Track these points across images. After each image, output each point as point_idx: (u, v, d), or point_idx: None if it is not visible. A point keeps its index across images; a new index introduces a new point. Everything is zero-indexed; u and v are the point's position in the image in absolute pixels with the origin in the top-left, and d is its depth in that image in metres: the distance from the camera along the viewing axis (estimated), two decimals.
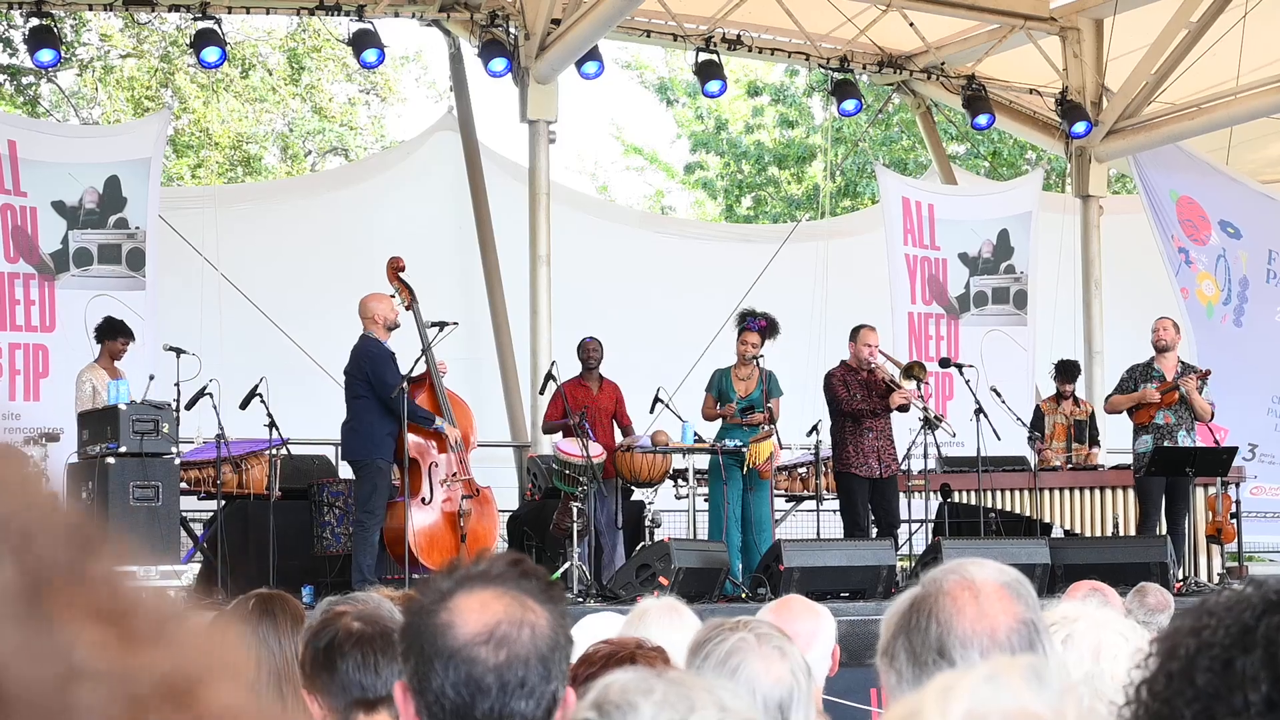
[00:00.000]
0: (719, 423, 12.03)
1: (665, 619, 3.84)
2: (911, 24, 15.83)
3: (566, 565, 10.72)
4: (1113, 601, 5.42)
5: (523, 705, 1.99)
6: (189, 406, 11.05)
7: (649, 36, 15.98)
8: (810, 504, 13.16)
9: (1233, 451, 12.81)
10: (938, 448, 12.31)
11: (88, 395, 11.22)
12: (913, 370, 12.23)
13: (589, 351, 12.34)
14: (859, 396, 11.97)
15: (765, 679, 2.84)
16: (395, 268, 11.06)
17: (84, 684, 0.62)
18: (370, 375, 10.52)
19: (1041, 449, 13.18)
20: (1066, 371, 13.51)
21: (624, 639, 3.28)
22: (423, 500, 10.72)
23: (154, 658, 0.63)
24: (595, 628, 3.93)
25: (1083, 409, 13.51)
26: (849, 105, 16.17)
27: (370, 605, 3.30)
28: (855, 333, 12.21)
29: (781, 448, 12.05)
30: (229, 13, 14.38)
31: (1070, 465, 13.18)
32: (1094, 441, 13.56)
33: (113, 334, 11.62)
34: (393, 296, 10.93)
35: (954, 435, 12.42)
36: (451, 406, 10.94)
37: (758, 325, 11.91)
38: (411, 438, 10.65)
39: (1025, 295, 16.04)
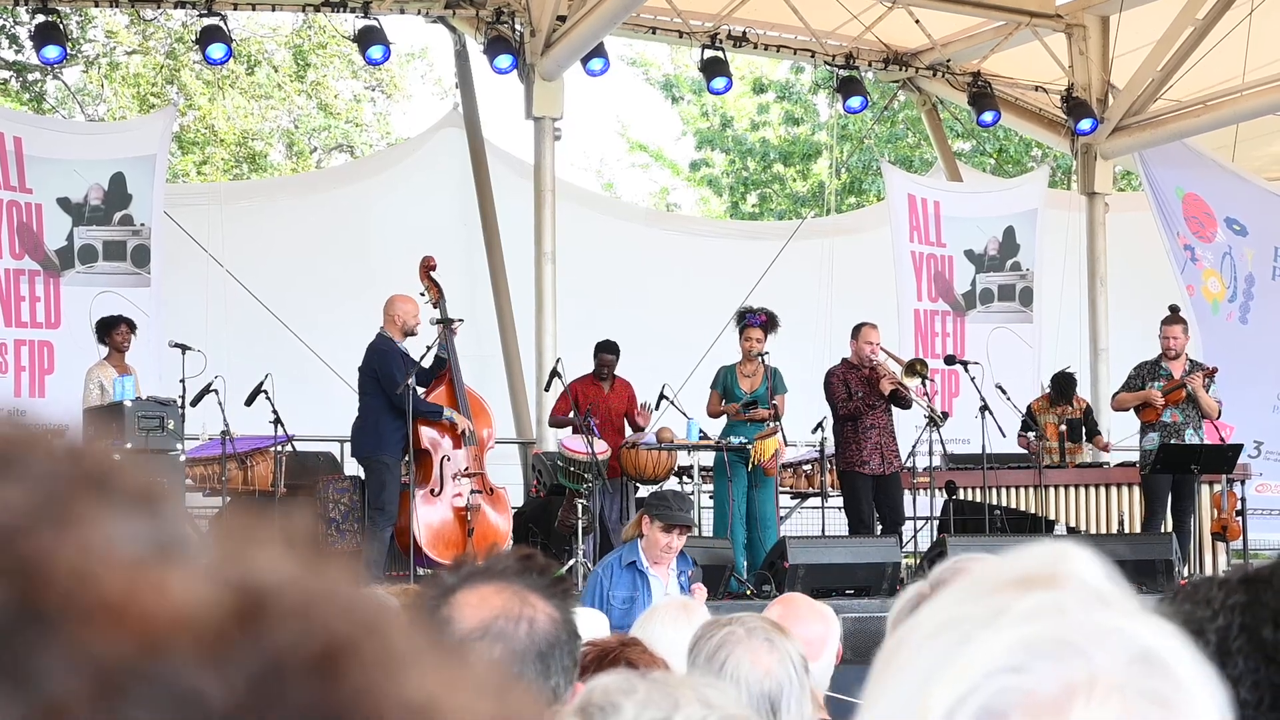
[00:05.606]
0: (724, 420, 12.03)
1: (674, 617, 3.83)
2: (917, 21, 15.82)
3: (571, 562, 10.72)
4: None
5: None
6: (194, 403, 11.06)
7: (654, 33, 15.97)
8: (815, 501, 13.15)
9: (1238, 449, 12.79)
10: (943, 445, 12.30)
11: (95, 394, 11.21)
12: (915, 367, 12.22)
13: (603, 365, 12.29)
14: (860, 394, 11.96)
15: (753, 671, 2.83)
16: (427, 267, 11.16)
17: None
18: (379, 372, 10.56)
19: (1026, 444, 13.17)
20: (1061, 391, 13.43)
21: (605, 639, 3.26)
22: (431, 492, 10.74)
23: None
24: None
25: (1075, 407, 13.48)
26: (854, 102, 16.16)
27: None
28: (856, 331, 12.20)
29: (786, 444, 12.05)
30: (234, 9, 14.38)
31: (1072, 464, 13.18)
32: (1094, 434, 13.52)
33: (108, 329, 11.60)
34: (422, 294, 11.00)
35: (941, 423, 12.36)
36: (470, 404, 10.99)
37: (758, 320, 11.91)
38: (424, 430, 10.70)
39: (1031, 292, 16.04)
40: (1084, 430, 13.41)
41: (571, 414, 11.82)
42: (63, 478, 0.54)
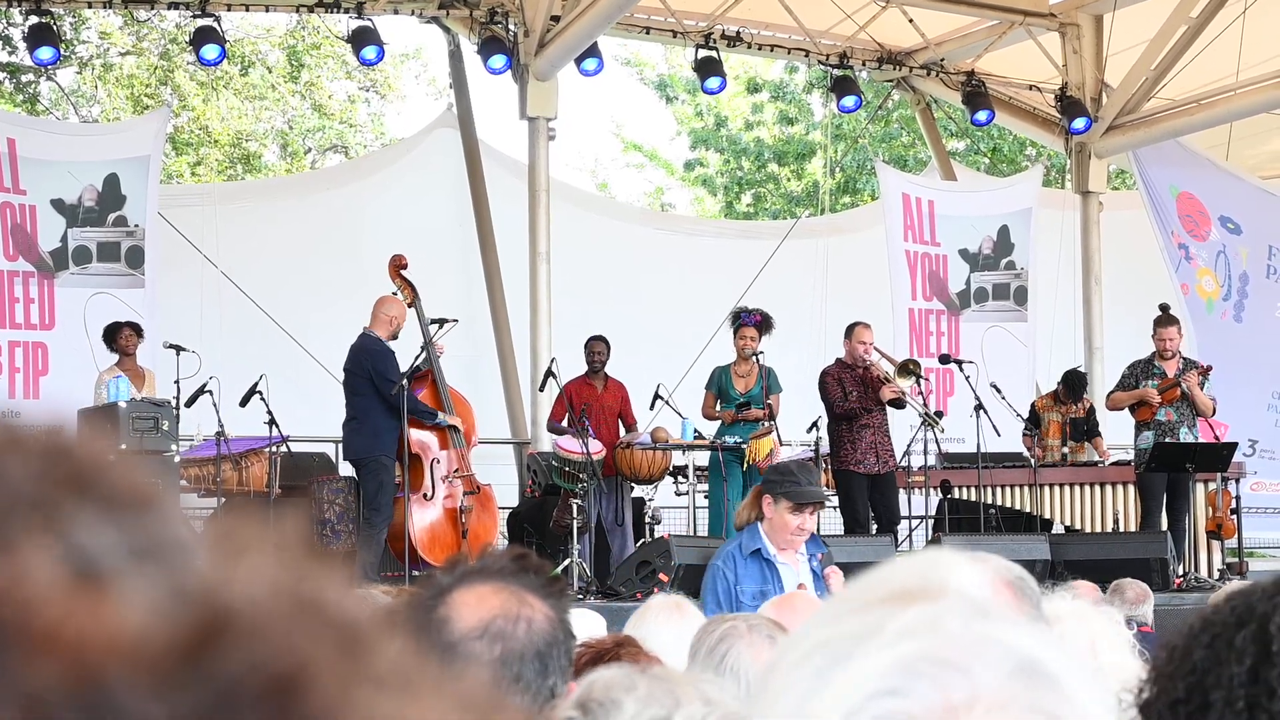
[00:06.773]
0: (719, 420, 12.03)
1: (666, 616, 3.83)
2: (911, 20, 15.82)
3: (567, 562, 10.72)
4: (1086, 595, 5.40)
5: (518, 701, 1.96)
6: (189, 404, 11.05)
7: (648, 33, 15.96)
8: None
9: (1233, 447, 12.79)
10: (938, 444, 12.31)
11: (104, 399, 11.17)
12: (908, 367, 12.22)
13: (594, 354, 12.33)
14: (854, 394, 11.96)
15: (754, 666, 2.83)
16: (398, 265, 11.10)
17: None
18: (372, 371, 10.56)
19: (1030, 444, 13.16)
20: (1072, 390, 13.31)
21: (601, 639, 3.26)
22: (425, 496, 10.73)
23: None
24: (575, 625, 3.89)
25: (1080, 406, 13.47)
26: (849, 102, 16.16)
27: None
28: (850, 330, 12.21)
29: (781, 444, 12.05)
30: (228, 10, 14.36)
31: (1070, 462, 13.17)
32: (1095, 434, 13.50)
33: (112, 336, 11.62)
34: (395, 294, 10.97)
35: (942, 430, 12.38)
36: (454, 402, 10.98)
37: (753, 320, 11.92)
38: (414, 434, 10.68)
39: (1025, 291, 16.04)
40: (1086, 430, 13.39)
41: (565, 420, 11.85)
42: (38, 482, 0.52)
